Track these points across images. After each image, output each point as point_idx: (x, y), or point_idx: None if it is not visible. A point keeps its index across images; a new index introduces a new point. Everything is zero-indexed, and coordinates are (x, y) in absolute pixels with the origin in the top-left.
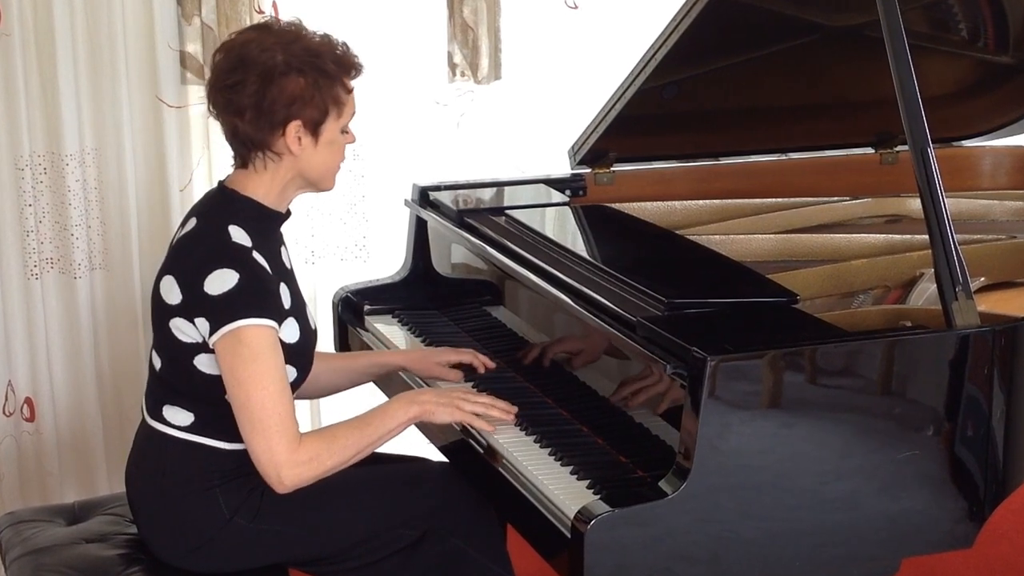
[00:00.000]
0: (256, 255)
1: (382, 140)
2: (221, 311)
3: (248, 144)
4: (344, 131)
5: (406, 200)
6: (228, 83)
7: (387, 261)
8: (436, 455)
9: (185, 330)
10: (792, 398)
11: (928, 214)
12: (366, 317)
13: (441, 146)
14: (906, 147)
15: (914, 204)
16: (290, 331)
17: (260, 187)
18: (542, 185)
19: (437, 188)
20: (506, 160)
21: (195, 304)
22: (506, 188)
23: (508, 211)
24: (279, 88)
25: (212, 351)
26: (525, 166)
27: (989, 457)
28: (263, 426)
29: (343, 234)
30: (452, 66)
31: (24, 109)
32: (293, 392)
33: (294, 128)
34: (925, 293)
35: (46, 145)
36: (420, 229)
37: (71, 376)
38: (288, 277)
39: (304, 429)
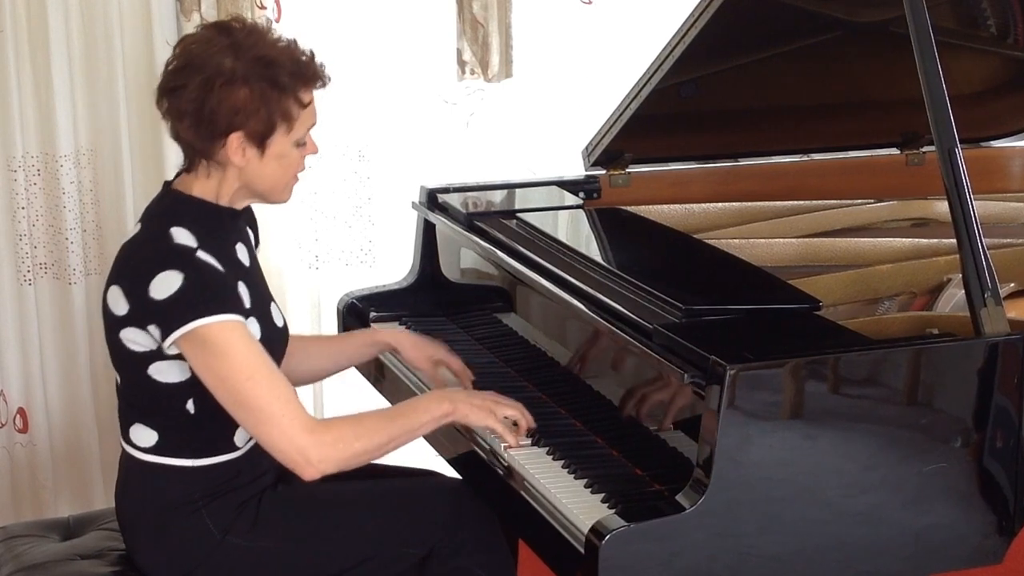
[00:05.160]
0: (202, 254)
1: (389, 140)
2: (171, 315)
3: (190, 150)
4: (300, 143)
5: (413, 203)
6: (170, 86)
7: (394, 266)
8: (443, 468)
9: (137, 339)
10: (814, 408)
11: (956, 217)
12: (372, 324)
13: (450, 147)
14: (933, 148)
15: (941, 207)
16: (251, 330)
17: (207, 191)
18: (555, 187)
19: (446, 190)
20: (517, 161)
21: (144, 311)
22: (517, 190)
23: (519, 214)
24: (220, 97)
25: (167, 358)
26: (537, 167)
27: (1019, 469)
28: (266, 415)
29: (348, 238)
30: (461, 63)
31: (17, 108)
32: None
33: (236, 139)
34: (952, 299)
35: (40, 145)
36: (428, 233)
37: (65, 385)
38: (247, 274)
39: None
